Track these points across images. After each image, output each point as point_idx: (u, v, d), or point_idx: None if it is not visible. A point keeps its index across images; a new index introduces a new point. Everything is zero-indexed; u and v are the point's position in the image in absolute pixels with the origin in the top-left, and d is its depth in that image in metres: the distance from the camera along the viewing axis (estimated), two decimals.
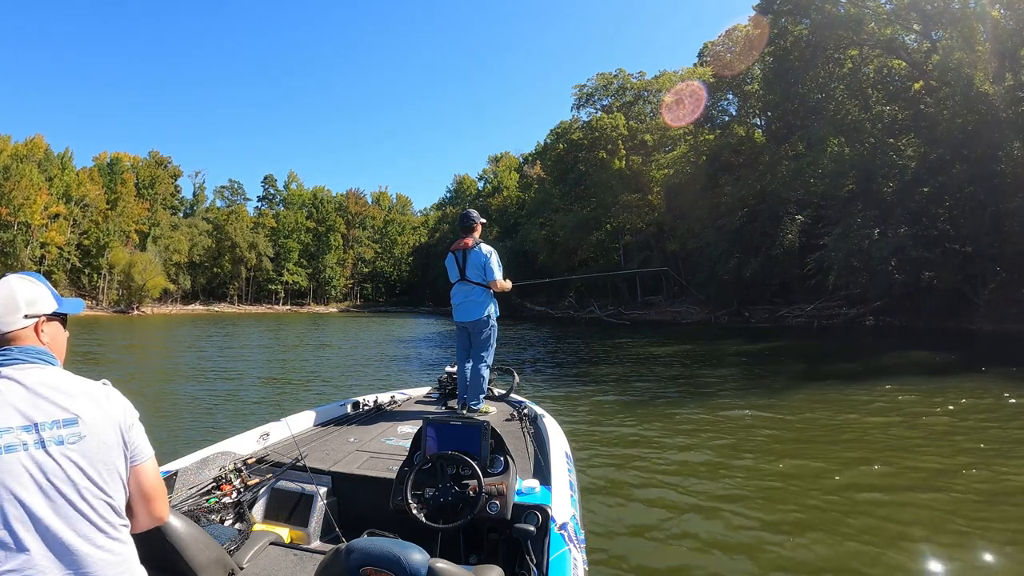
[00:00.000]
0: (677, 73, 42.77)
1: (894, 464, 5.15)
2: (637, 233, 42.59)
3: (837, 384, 9.58)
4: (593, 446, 5.91)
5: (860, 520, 3.91)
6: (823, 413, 7.31)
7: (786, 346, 17.24)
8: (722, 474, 4.97)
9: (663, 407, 8.11)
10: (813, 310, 26.12)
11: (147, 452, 1.33)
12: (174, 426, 7.02)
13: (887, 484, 4.64)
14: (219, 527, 2.36)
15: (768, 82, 31.91)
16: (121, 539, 1.23)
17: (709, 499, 4.35)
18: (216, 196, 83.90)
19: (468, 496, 2.34)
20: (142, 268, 56.80)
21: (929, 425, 6.58)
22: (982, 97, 19.07)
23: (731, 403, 8.16)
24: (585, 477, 4.52)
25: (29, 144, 53.92)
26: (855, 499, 4.32)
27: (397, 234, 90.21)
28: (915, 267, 20.75)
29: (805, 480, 4.78)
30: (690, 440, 6.15)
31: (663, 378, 11.09)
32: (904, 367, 11.28)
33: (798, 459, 5.36)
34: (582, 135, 46.28)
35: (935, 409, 7.35)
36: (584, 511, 3.11)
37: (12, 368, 1.21)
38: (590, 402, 8.62)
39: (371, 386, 9.69)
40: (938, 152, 20.86)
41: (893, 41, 25.87)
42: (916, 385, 9.07)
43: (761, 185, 29.34)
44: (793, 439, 6.19)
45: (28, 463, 1.12)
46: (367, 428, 3.71)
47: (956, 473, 4.87)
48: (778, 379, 10.52)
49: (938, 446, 5.72)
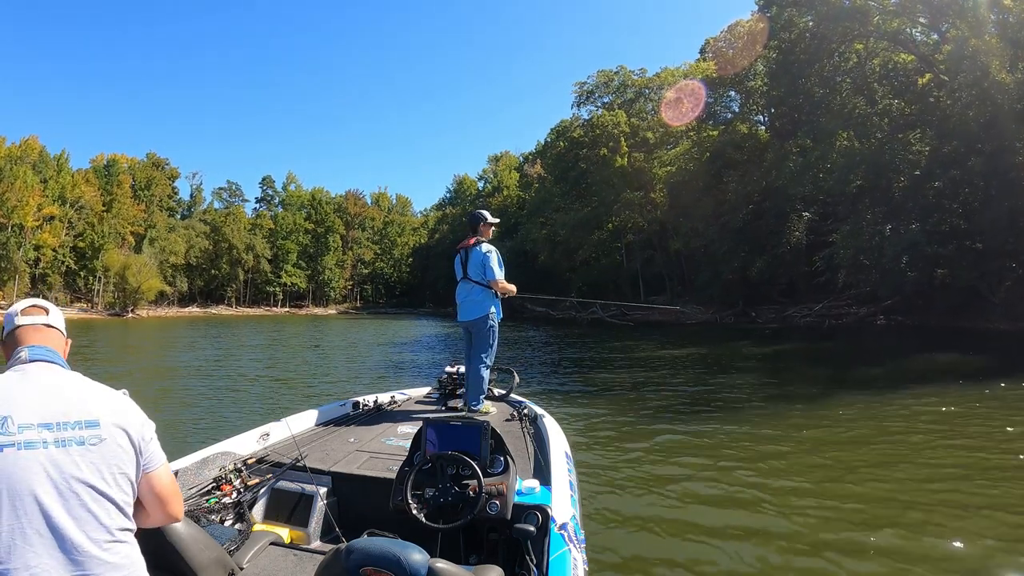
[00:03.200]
0: (679, 69, 42.16)
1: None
2: (639, 232, 41.89)
3: (866, 391, 8.69)
4: (593, 446, 5.84)
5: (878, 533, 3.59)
6: (853, 423, 6.67)
7: (798, 348, 16.58)
8: (724, 475, 4.86)
9: (664, 408, 7.95)
10: (821, 309, 25.48)
11: (161, 458, 1.36)
12: (174, 426, 6.95)
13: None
14: (219, 527, 2.36)
15: (773, 76, 31.36)
16: (129, 542, 1.24)
17: (710, 500, 4.31)
18: (214, 198, 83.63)
19: (468, 496, 2.34)
20: (136, 270, 56.10)
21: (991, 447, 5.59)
22: (998, 86, 18.43)
23: (738, 406, 7.94)
24: (585, 477, 4.48)
25: (23, 145, 53.32)
26: (875, 504, 4.12)
27: (397, 235, 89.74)
28: (928, 264, 20.13)
29: (809, 481, 4.68)
30: (693, 441, 6.05)
31: (665, 379, 10.82)
32: (936, 372, 10.37)
33: (807, 465, 5.13)
34: (583, 133, 45.66)
35: (992, 425, 6.32)
36: (584, 511, 3.06)
37: (37, 365, 1.27)
38: (590, 402, 8.51)
39: (371, 386, 9.71)
40: (951, 144, 20.25)
41: (899, 34, 25.34)
42: (959, 392, 8.17)
43: (767, 182, 28.71)
44: (799, 444, 5.84)
45: (46, 462, 1.14)
46: (367, 428, 3.70)
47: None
48: (795, 385, 9.90)
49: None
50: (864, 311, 23.69)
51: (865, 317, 23.34)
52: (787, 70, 29.01)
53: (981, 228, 19.37)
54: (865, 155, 22.45)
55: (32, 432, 1.14)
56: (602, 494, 4.43)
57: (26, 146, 53.45)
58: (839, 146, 24.07)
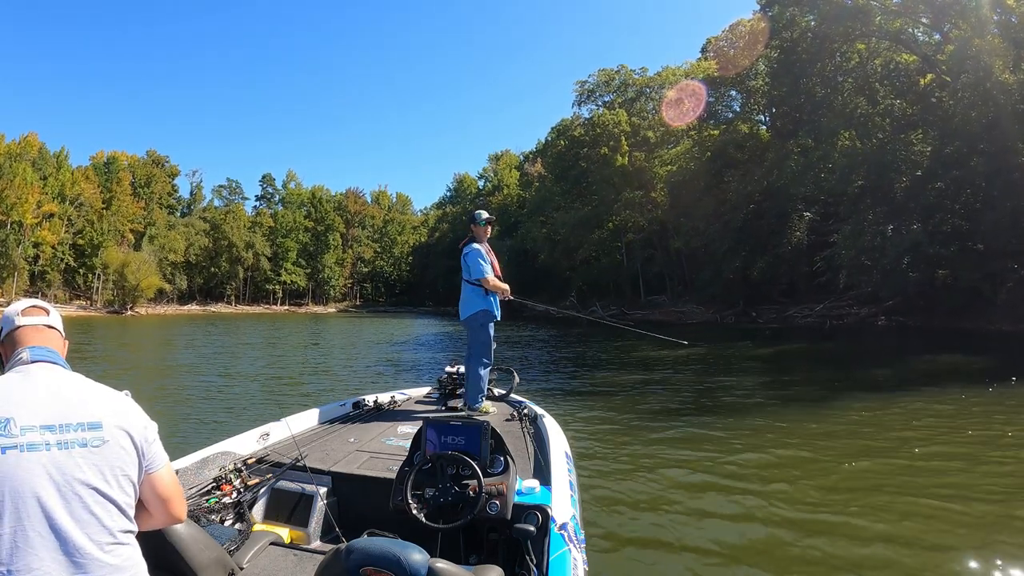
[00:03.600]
0: (681, 68, 42.04)
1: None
2: (640, 231, 41.76)
3: (875, 393, 8.50)
4: (594, 446, 5.79)
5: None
6: (861, 427, 6.57)
7: (801, 349, 16.48)
8: (725, 475, 4.81)
9: (665, 408, 7.86)
10: (822, 310, 25.42)
11: (163, 459, 1.35)
12: (174, 426, 6.90)
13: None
14: (219, 527, 2.35)
15: (775, 75, 31.30)
16: (131, 544, 1.24)
17: (711, 500, 4.27)
18: (214, 195, 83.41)
19: (468, 496, 2.33)
20: (136, 268, 55.95)
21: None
22: (1000, 87, 18.36)
23: (740, 407, 7.79)
24: (585, 477, 4.46)
25: (23, 142, 53.16)
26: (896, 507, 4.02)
27: (397, 233, 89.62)
28: (929, 265, 20.06)
29: (813, 482, 4.61)
30: (694, 441, 5.98)
31: (665, 379, 10.69)
32: (943, 373, 10.20)
33: (813, 470, 5.00)
34: (584, 132, 45.53)
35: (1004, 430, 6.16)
36: (584, 511, 3.06)
37: (39, 366, 1.26)
38: (591, 402, 8.44)
39: (371, 386, 9.66)
40: (954, 145, 20.18)
41: (901, 33, 25.28)
42: (976, 396, 7.95)
43: (768, 181, 28.66)
44: (804, 447, 5.69)
45: (48, 464, 1.13)
46: (367, 428, 3.69)
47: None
48: (799, 386, 9.79)
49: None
50: (865, 312, 23.62)
51: (866, 318, 23.27)
52: (789, 69, 28.94)
53: (983, 229, 19.30)
54: (867, 155, 22.39)
55: (34, 434, 1.13)
56: (602, 494, 4.40)
57: (25, 143, 53.32)
58: (841, 146, 24.01)
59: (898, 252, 20.11)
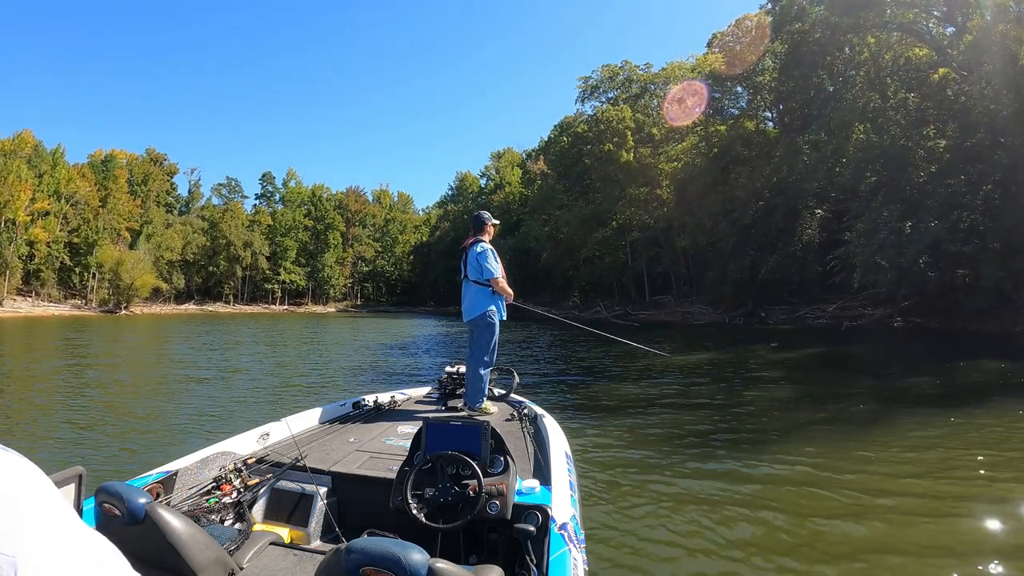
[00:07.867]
0: (686, 63, 41.17)
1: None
2: (644, 229, 40.91)
3: (921, 407, 7.40)
4: (594, 446, 5.73)
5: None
6: (904, 436, 5.75)
7: (819, 353, 15.49)
8: (726, 476, 4.75)
9: (667, 409, 7.64)
10: (836, 310, 24.56)
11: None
12: (173, 426, 6.90)
13: None
14: (219, 527, 2.35)
15: (783, 69, 30.53)
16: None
17: (712, 501, 4.21)
18: (213, 194, 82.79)
19: (468, 496, 2.33)
20: (131, 267, 55.18)
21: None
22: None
23: (742, 407, 7.62)
24: (585, 477, 4.45)
25: (17, 139, 52.46)
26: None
27: (398, 233, 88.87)
28: (949, 264, 19.23)
29: (816, 482, 4.55)
30: (695, 441, 5.92)
31: (668, 381, 10.38)
32: (991, 383, 9.19)
33: (815, 470, 4.83)
34: (587, 128, 44.65)
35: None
36: (584, 511, 3.04)
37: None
38: (591, 402, 8.38)
39: (371, 386, 9.65)
40: (975, 138, 19.37)
41: (915, 25, 24.51)
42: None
43: (777, 177, 27.87)
44: (807, 446, 5.48)
45: None
46: (367, 428, 3.69)
47: None
48: (818, 390, 8.97)
49: None
50: (880, 312, 22.77)
51: (882, 319, 22.41)
52: (798, 62, 28.18)
53: (1006, 226, 18.47)
54: (884, 148, 21.58)
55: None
56: (602, 494, 4.35)
57: (19, 140, 52.62)
58: (855, 139, 23.19)
59: (917, 250, 19.27)
